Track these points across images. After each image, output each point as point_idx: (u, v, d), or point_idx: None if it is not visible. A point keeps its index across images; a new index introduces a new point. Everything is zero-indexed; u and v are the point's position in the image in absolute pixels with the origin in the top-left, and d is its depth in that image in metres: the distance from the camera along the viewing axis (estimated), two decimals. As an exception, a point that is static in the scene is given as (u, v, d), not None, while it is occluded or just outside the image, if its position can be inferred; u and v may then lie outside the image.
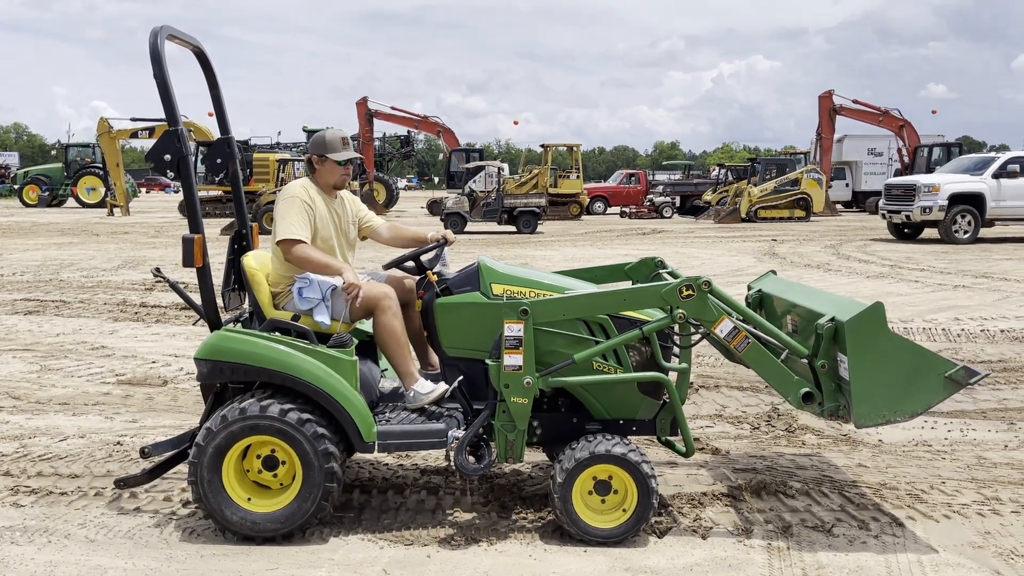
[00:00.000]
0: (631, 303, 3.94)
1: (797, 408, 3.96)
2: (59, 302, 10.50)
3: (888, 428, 5.50)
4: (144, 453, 4.27)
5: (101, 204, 34.88)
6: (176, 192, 49.26)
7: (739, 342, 3.87)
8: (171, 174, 3.89)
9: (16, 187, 41.34)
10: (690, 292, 3.81)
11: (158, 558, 3.66)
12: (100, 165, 35.74)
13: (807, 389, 3.88)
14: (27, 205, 38.30)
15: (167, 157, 3.85)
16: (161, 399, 6.18)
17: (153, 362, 7.31)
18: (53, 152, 48.64)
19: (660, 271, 4.70)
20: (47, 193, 38.84)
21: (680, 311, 3.84)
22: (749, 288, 4.85)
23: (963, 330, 8.75)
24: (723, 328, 3.86)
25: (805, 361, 3.92)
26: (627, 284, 4.59)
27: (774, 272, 5.00)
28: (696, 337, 4.11)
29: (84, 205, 37.47)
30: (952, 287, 11.86)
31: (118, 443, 5.15)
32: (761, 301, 4.73)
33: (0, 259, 15.73)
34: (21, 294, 11.18)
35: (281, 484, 3.92)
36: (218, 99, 4.53)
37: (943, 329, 8.80)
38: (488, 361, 3.91)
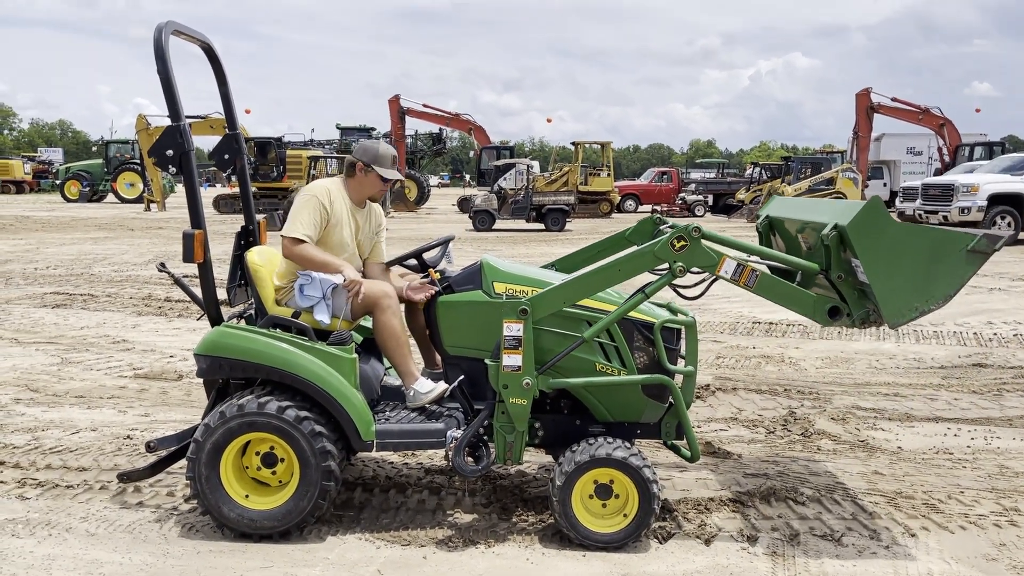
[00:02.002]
0: (627, 271, 3.81)
1: (825, 326, 3.86)
2: (87, 296, 10.66)
3: (909, 435, 5.36)
4: (150, 447, 4.27)
5: (139, 199, 35.44)
6: (213, 187, 49.94)
7: (747, 278, 3.78)
8: (173, 169, 3.88)
9: (58, 182, 42.19)
10: (683, 243, 3.73)
11: (155, 553, 3.67)
12: (139, 161, 36.32)
13: (831, 304, 3.78)
14: (68, 200, 39.07)
15: (169, 152, 3.86)
16: (175, 393, 6.22)
17: (171, 356, 7.37)
18: (94, 148, 49.50)
19: (660, 227, 4.59)
20: (88, 188, 39.60)
21: (679, 264, 3.75)
22: (758, 217, 4.72)
23: (995, 334, 8.51)
24: (727, 269, 3.78)
25: (823, 276, 3.81)
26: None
27: (779, 194, 4.86)
28: (703, 287, 4.06)
29: (123, 200, 38.10)
30: (987, 290, 11.55)
31: (128, 437, 5.19)
32: (772, 227, 4.61)
33: (37, 253, 16.03)
34: (52, 287, 11.37)
35: (280, 481, 3.90)
36: (226, 95, 4.54)
37: (974, 333, 8.56)
38: (487, 361, 3.85)
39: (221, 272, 4.06)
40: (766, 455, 5.02)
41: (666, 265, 3.79)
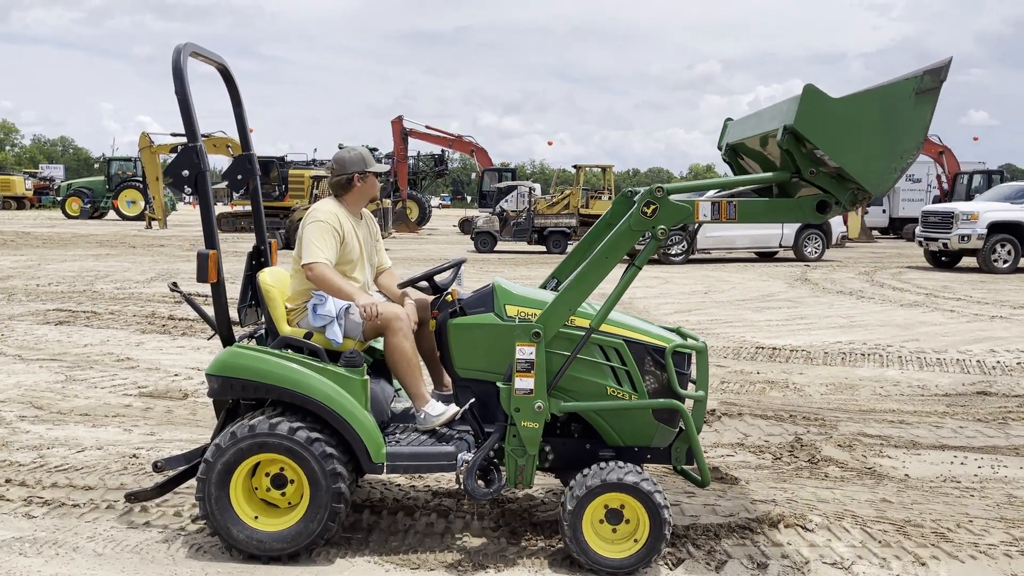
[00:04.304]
0: (612, 255, 3.78)
1: (818, 222, 3.79)
2: (90, 313, 10.66)
3: (916, 463, 5.35)
4: (157, 467, 4.25)
5: (140, 217, 35.53)
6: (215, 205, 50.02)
7: (727, 212, 3.77)
8: (188, 189, 3.91)
9: (59, 199, 42.28)
10: (653, 207, 3.72)
11: (163, 574, 3.65)
12: (141, 179, 36.43)
13: (817, 200, 3.72)
14: (69, 217, 39.14)
15: (185, 172, 3.88)
16: (180, 412, 6.21)
17: (175, 375, 7.36)
18: (96, 165, 49.69)
19: (635, 199, 4.55)
20: (89, 205, 39.68)
21: (659, 227, 3.73)
22: (720, 148, 4.67)
23: (999, 362, 8.52)
24: (704, 212, 3.77)
25: (799, 179, 3.75)
26: None
27: (731, 119, 4.74)
28: (688, 241, 4.06)
29: (124, 217, 38.18)
30: (989, 318, 11.57)
31: (134, 456, 5.17)
32: (736, 152, 4.55)
33: (38, 269, 16.05)
34: (54, 304, 11.37)
35: (289, 503, 3.89)
36: (241, 116, 4.57)
37: (977, 361, 8.57)
38: (499, 384, 3.86)
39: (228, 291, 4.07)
40: (773, 481, 5.01)
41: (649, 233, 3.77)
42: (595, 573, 3.72)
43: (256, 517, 3.81)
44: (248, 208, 29.59)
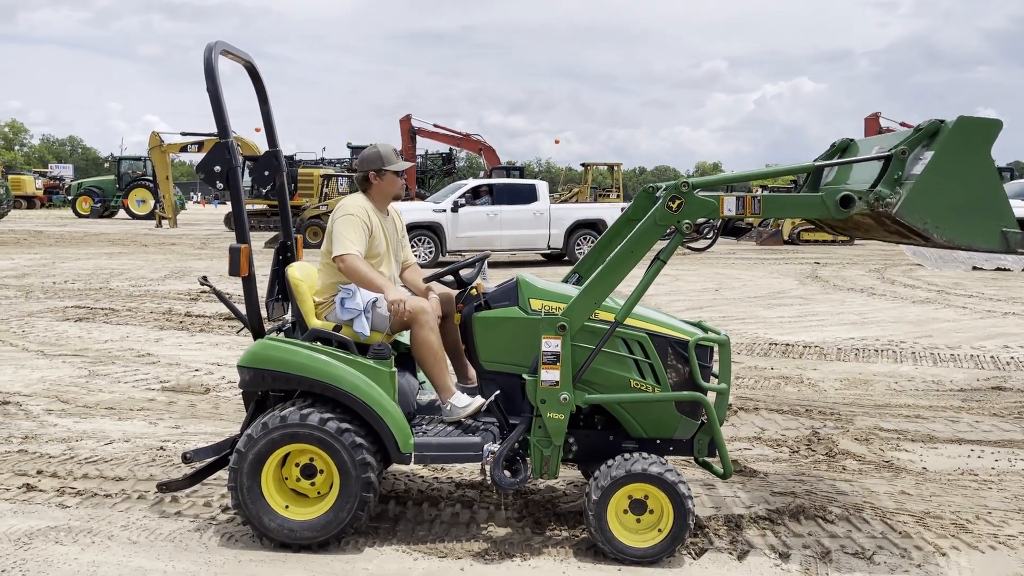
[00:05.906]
0: (639, 249, 3.82)
1: (839, 216, 3.75)
2: (108, 310, 10.76)
3: (933, 456, 5.40)
4: (186, 458, 4.33)
5: (150, 216, 35.69)
6: (224, 203, 50.19)
7: (751, 207, 3.82)
8: (220, 185, 3.98)
9: (70, 198, 42.50)
10: (679, 201, 3.76)
11: (197, 562, 3.73)
12: (151, 178, 36.57)
13: (842, 195, 3.72)
14: (80, 216, 39.34)
15: (217, 168, 3.95)
16: (203, 406, 6.29)
17: (196, 370, 7.45)
18: (106, 165, 49.89)
19: (657, 195, 4.45)
20: (99, 204, 39.88)
21: (684, 222, 3.78)
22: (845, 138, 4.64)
23: (1012, 358, 8.54)
24: (729, 207, 3.82)
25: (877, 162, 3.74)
26: None
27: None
28: (714, 235, 4.09)
29: (134, 216, 38.35)
30: (1002, 314, 11.58)
31: (161, 448, 5.25)
32: (846, 148, 4.51)
33: (53, 267, 16.17)
34: (72, 301, 11.48)
35: (319, 493, 3.96)
36: (267, 113, 4.64)
37: (991, 356, 8.60)
38: (525, 376, 3.92)
39: (224, 287, 4.13)
40: (792, 474, 5.06)
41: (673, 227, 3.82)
42: (620, 562, 3.79)
43: (287, 506, 3.88)
44: (255, 207, 29.69)
